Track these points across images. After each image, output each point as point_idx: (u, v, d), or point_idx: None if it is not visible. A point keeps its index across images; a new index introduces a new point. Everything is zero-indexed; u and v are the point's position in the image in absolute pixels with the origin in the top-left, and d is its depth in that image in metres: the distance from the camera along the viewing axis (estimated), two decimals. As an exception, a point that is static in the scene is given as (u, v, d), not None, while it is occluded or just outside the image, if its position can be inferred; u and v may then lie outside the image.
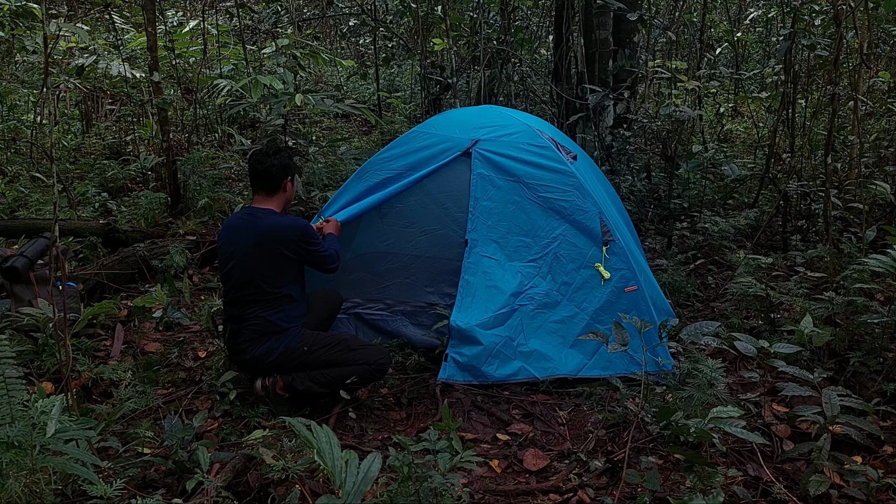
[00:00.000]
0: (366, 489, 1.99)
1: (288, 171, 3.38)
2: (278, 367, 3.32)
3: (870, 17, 6.01)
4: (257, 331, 3.28)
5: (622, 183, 6.20)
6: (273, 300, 3.28)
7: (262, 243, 3.24)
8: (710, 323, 3.16)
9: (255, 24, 9.59)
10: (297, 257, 3.30)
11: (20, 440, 2.10)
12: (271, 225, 3.27)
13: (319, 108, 4.90)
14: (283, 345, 3.29)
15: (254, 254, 3.25)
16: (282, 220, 3.30)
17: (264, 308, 3.28)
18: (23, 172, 6.83)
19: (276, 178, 3.34)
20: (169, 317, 4.15)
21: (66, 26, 4.23)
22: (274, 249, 3.24)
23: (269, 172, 3.33)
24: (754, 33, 11.31)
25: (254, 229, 3.27)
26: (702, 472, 2.50)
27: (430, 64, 8.64)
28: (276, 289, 3.27)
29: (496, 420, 3.39)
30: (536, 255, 3.73)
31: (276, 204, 3.39)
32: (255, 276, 3.25)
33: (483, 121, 4.10)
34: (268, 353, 3.28)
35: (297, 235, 3.27)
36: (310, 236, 3.32)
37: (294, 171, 3.45)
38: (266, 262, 3.24)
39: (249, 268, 3.26)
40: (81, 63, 6.78)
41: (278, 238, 3.24)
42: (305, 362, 3.32)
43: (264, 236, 3.24)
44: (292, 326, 3.32)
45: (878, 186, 4.33)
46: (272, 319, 3.28)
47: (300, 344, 3.30)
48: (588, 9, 6.79)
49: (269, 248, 3.24)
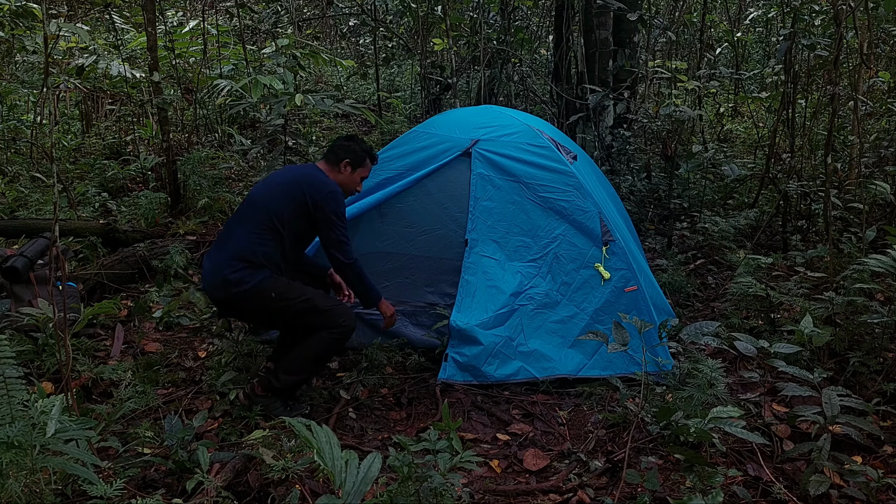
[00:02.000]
0: (366, 489, 1.99)
1: (349, 155, 3.46)
2: (242, 305, 3.27)
3: (870, 17, 6.01)
4: (236, 254, 3.24)
5: (622, 183, 6.20)
6: (265, 232, 3.26)
7: (292, 183, 3.35)
8: (710, 323, 3.16)
9: (255, 24, 9.59)
10: (314, 213, 3.30)
11: (20, 440, 2.10)
12: (310, 173, 3.40)
13: (319, 108, 4.89)
14: (254, 281, 3.22)
15: (280, 186, 3.36)
16: (321, 175, 3.40)
17: (253, 234, 3.26)
18: (23, 172, 6.83)
19: (338, 153, 3.48)
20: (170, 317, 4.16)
21: (66, 26, 4.23)
22: (298, 194, 3.30)
23: (335, 146, 3.52)
24: (754, 33, 11.31)
25: (294, 171, 3.47)
26: (702, 472, 2.51)
27: (430, 64, 8.64)
28: (276, 225, 3.27)
29: (496, 420, 3.39)
30: (536, 255, 3.73)
31: (329, 171, 3.48)
32: (267, 203, 3.31)
33: (483, 121, 4.10)
34: (237, 283, 3.21)
35: (325, 191, 3.31)
36: (337, 202, 3.34)
37: (359, 164, 3.50)
38: (285, 198, 3.31)
39: (268, 194, 3.35)
40: (81, 63, 6.78)
41: (309, 184, 3.32)
42: (269, 310, 3.27)
43: (299, 178, 3.36)
44: (266, 269, 3.26)
45: (878, 186, 4.33)
46: (253, 248, 3.24)
47: (270, 288, 3.25)
48: (588, 9, 6.79)
49: (296, 190, 3.31)
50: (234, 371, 3.58)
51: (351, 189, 3.55)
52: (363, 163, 3.51)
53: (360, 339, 4.04)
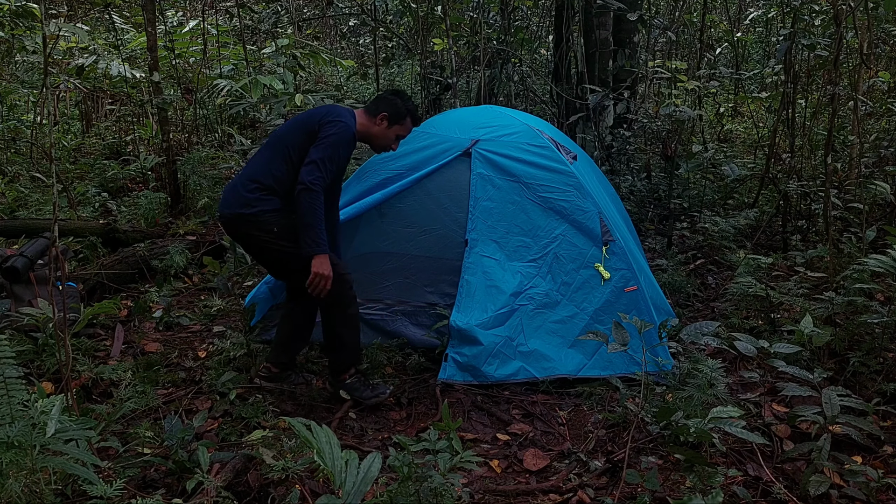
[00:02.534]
0: (366, 489, 1.99)
1: (388, 108, 3.37)
2: (246, 230, 3.28)
3: (870, 17, 6.01)
4: (251, 175, 3.29)
5: (622, 183, 6.20)
6: (279, 159, 3.26)
7: (313, 114, 3.33)
8: (710, 323, 3.16)
9: (255, 24, 9.59)
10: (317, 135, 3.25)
11: (20, 440, 2.10)
12: (332, 108, 3.37)
13: (319, 108, 4.89)
14: (261, 208, 3.22)
15: (301, 119, 3.35)
16: (343, 114, 3.31)
17: (268, 159, 3.29)
18: (23, 172, 6.83)
19: (378, 104, 3.40)
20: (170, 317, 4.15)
21: (66, 26, 4.24)
22: (311, 123, 3.26)
23: (379, 97, 3.45)
24: (754, 33, 11.31)
25: (320, 107, 3.43)
26: (702, 472, 2.51)
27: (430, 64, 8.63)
28: (290, 154, 3.25)
29: (496, 420, 3.39)
30: (536, 254, 3.73)
31: (363, 120, 3.39)
32: (285, 132, 3.33)
33: (483, 121, 4.10)
34: (246, 203, 3.22)
35: (331, 118, 3.24)
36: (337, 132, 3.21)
37: (397, 120, 3.39)
38: (301, 129, 3.28)
39: (290, 126, 3.37)
40: (81, 63, 6.78)
41: (324, 114, 3.28)
42: (266, 246, 3.28)
43: (320, 111, 3.35)
44: (277, 199, 3.25)
45: (878, 186, 4.33)
46: (266, 171, 3.26)
47: (273, 222, 3.23)
48: (588, 9, 6.79)
49: (311, 121, 3.28)
50: (234, 371, 3.58)
51: (384, 145, 3.46)
52: (402, 120, 3.40)
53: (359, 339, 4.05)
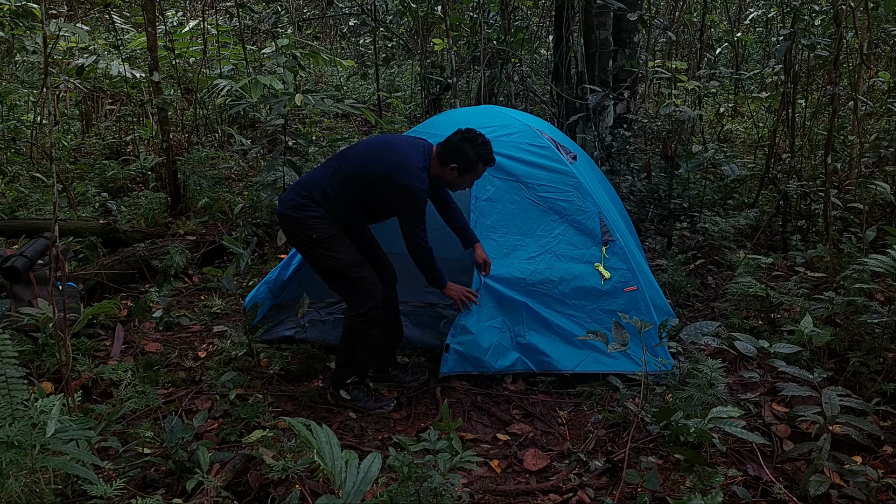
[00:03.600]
0: (366, 489, 1.99)
1: (458, 160, 3.27)
2: (292, 231, 3.37)
3: (870, 17, 6.01)
4: (307, 182, 3.36)
5: (622, 183, 6.20)
6: (339, 179, 3.29)
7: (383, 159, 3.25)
8: (710, 323, 3.16)
9: (255, 24, 9.59)
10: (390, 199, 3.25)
11: (20, 440, 2.10)
12: (402, 163, 3.23)
13: (319, 108, 4.89)
14: (306, 213, 3.28)
15: (375, 153, 3.30)
16: (412, 166, 3.22)
17: (329, 173, 3.32)
18: (23, 172, 6.83)
19: (448, 153, 3.29)
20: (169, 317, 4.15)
21: (66, 26, 4.23)
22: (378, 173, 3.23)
23: (450, 143, 3.30)
24: (754, 33, 11.31)
25: (396, 148, 3.31)
26: (702, 472, 2.51)
27: (430, 64, 8.64)
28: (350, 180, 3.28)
29: (496, 420, 3.39)
30: (534, 253, 3.73)
31: (437, 166, 3.32)
32: (357, 159, 3.32)
33: (483, 121, 4.09)
34: (293, 206, 3.31)
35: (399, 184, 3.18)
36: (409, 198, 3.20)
37: (468, 170, 3.31)
38: (368, 167, 3.26)
39: (363, 153, 3.33)
40: (81, 63, 6.78)
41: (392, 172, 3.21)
42: (307, 250, 3.34)
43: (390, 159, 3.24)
44: (325, 210, 3.29)
45: (878, 186, 4.33)
46: (320, 184, 3.30)
47: (315, 228, 3.28)
48: (588, 9, 6.79)
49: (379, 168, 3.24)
50: (234, 371, 3.58)
51: (458, 188, 3.44)
52: (473, 169, 3.33)
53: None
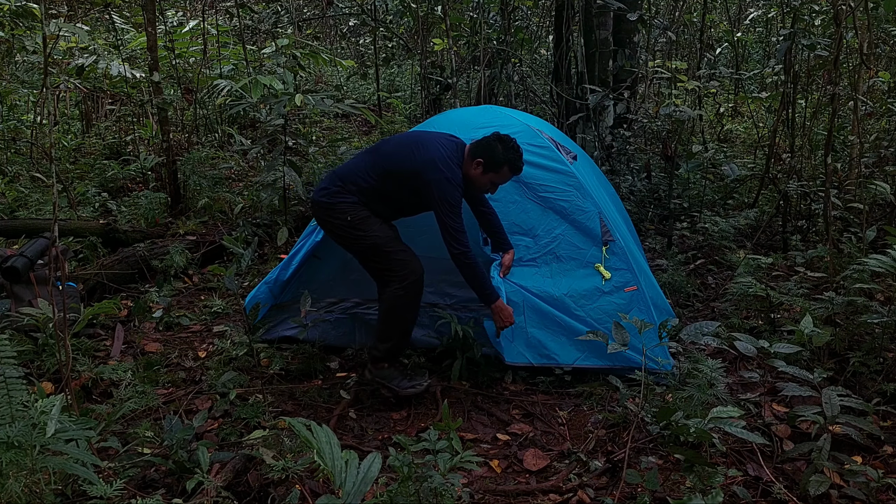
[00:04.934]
0: (366, 489, 1.99)
1: (483, 154, 3.31)
2: (326, 217, 3.40)
3: (870, 17, 6.01)
4: (342, 172, 3.41)
5: (622, 183, 6.20)
6: (374, 173, 3.33)
7: (416, 153, 3.28)
8: (710, 323, 3.16)
9: (255, 24, 9.59)
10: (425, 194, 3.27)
11: (20, 440, 2.10)
12: (433, 157, 3.25)
13: (319, 108, 4.89)
14: (338, 199, 3.33)
15: (408, 148, 3.33)
16: (444, 160, 3.25)
17: (363, 166, 3.36)
18: (23, 172, 6.83)
19: (476, 148, 3.34)
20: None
21: (66, 26, 4.23)
22: (410, 166, 3.27)
23: (480, 141, 3.36)
24: (754, 33, 11.31)
25: (429, 143, 3.32)
26: (702, 472, 2.50)
27: (430, 64, 8.64)
28: (383, 174, 3.32)
29: (496, 420, 3.39)
30: (535, 254, 3.72)
31: (466, 163, 3.35)
32: (390, 153, 3.37)
33: (483, 121, 4.09)
34: (327, 192, 3.36)
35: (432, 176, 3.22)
36: (442, 188, 3.22)
37: (492, 168, 3.33)
38: (401, 161, 3.31)
39: (398, 148, 3.38)
40: (81, 63, 6.78)
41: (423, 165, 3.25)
42: (343, 234, 3.38)
43: (423, 154, 3.27)
44: (357, 197, 3.33)
45: (878, 186, 4.33)
46: (354, 176, 3.35)
47: (348, 212, 3.32)
48: (588, 9, 6.79)
49: (411, 161, 3.28)
50: (234, 371, 3.58)
51: (480, 188, 3.44)
52: (498, 169, 3.35)
53: (360, 339, 4.05)
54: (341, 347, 4.04)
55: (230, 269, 3.70)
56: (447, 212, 3.24)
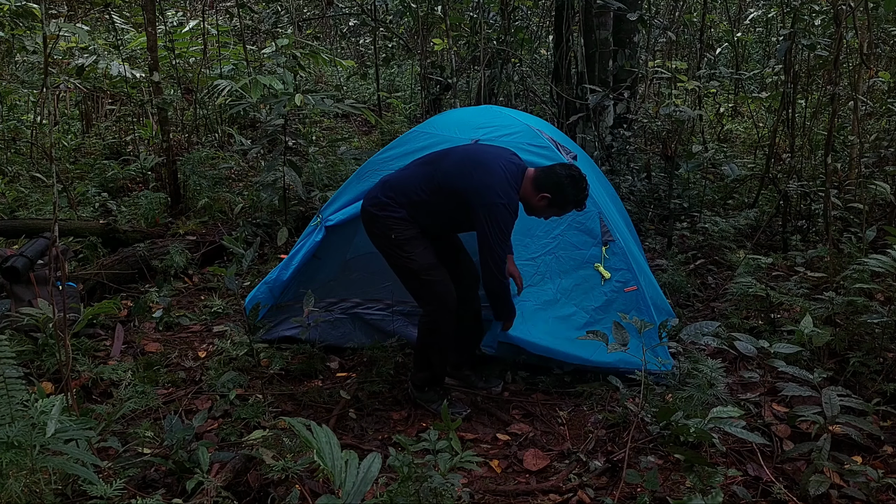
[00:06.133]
0: (366, 489, 1.99)
1: (552, 191, 3.20)
2: (372, 230, 3.36)
3: (870, 17, 6.01)
4: (395, 184, 3.31)
5: (622, 183, 6.19)
6: (427, 188, 3.24)
7: (472, 175, 3.15)
8: (710, 323, 3.16)
9: (255, 24, 9.59)
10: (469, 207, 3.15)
11: (20, 440, 2.10)
12: (489, 183, 3.11)
13: (319, 108, 4.89)
14: (387, 213, 3.25)
15: (466, 166, 3.20)
16: (501, 184, 3.12)
17: (418, 180, 3.26)
18: (23, 172, 6.83)
19: (548, 180, 3.21)
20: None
21: (66, 26, 4.23)
22: (464, 186, 3.16)
23: (550, 173, 3.22)
24: (754, 33, 11.31)
25: (486, 164, 3.18)
26: (702, 472, 2.50)
27: (430, 64, 8.64)
28: (438, 191, 3.22)
29: (496, 420, 3.39)
30: (535, 253, 3.72)
31: (528, 186, 3.23)
32: (447, 171, 3.23)
33: (483, 121, 4.09)
34: (376, 203, 3.29)
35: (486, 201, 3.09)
36: (494, 214, 3.09)
37: (557, 207, 3.26)
38: (457, 180, 3.19)
39: (455, 164, 3.24)
40: (81, 63, 6.78)
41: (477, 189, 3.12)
42: (384, 250, 3.33)
43: (478, 177, 3.14)
44: (407, 212, 3.25)
45: (878, 186, 4.33)
46: (408, 190, 3.25)
47: (394, 228, 3.25)
48: (588, 9, 6.79)
49: (467, 181, 3.16)
50: (234, 371, 3.58)
51: (535, 214, 3.36)
52: (563, 208, 3.29)
53: (359, 339, 4.05)
54: (341, 347, 4.04)
55: (231, 269, 3.70)
56: (497, 239, 3.12)
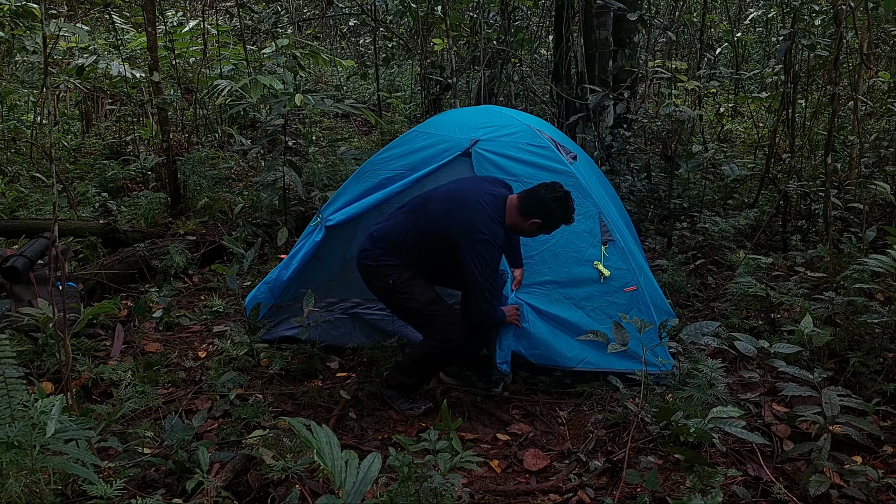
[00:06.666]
0: (366, 489, 1.99)
1: (542, 216, 3.23)
2: (367, 278, 3.44)
3: (870, 17, 6.01)
4: (383, 233, 3.38)
5: (622, 183, 6.19)
6: (416, 233, 3.30)
7: (454, 213, 3.21)
8: (710, 323, 3.16)
9: (255, 24, 9.59)
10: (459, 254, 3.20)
11: (20, 440, 2.10)
12: (472, 219, 3.16)
13: (319, 108, 4.89)
14: (381, 262, 3.33)
15: (448, 206, 3.26)
16: (483, 218, 3.17)
17: (405, 227, 3.33)
18: (23, 172, 6.83)
19: (533, 206, 3.23)
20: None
21: (66, 26, 4.23)
22: (448, 229, 3.21)
23: (535, 197, 3.23)
24: (754, 33, 11.31)
25: (467, 200, 3.23)
26: (702, 472, 2.51)
27: (430, 64, 8.63)
28: (427, 235, 3.28)
29: (496, 420, 3.39)
30: (533, 252, 3.72)
31: (514, 215, 3.27)
32: (431, 214, 3.29)
33: (483, 121, 4.09)
34: (368, 255, 3.37)
35: (471, 239, 3.14)
36: (479, 252, 3.14)
37: (548, 228, 3.29)
38: (442, 222, 3.24)
39: (437, 206, 3.30)
40: (81, 63, 6.78)
41: (462, 228, 3.17)
42: (384, 296, 3.40)
43: (461, 215, 3.19)
44: (398, 259, 3.32)
45: (878, 186, 4.33)
46: (397, 238, 3.32)
47: (390, 275, 3.32)
48: (588, 9, 6.79)
49: (450, 223, 3.21)
50: (234, 371, 3.58)
51: (526, 236, 3.44)
52: (553, 228, 3.33)
53: (359, 339, 4.05)
54: (341, 347, 4.04)
55: (232, 268, 3.70)
56: (484, 274, 3.17)
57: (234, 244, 4.16)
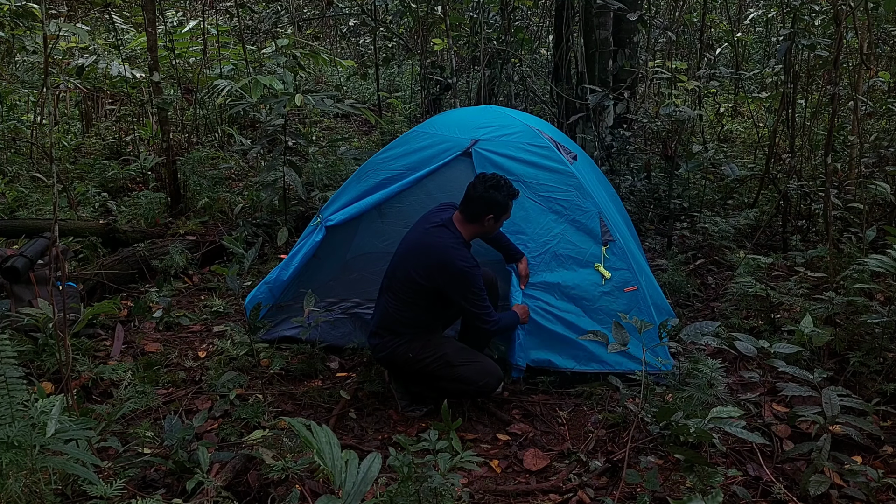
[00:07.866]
0: (366, 489, 1.99)
1: (493, 209, 3.27)
2: (385, 364, 3.46)
3: (870, 17, 6.01)
4: (380, 322, 3.39)
5: (622, 183, 6.20)
6: (405, 301, 3.31)
7: (423, 260, 3.25)
8: (710, 323, 3.16)
9: (255, 24, 9.59)
10: (446, 293, 3.26)
11: (20, 440, 2.10)
12: (440, 252, 3.21)
13: (319, 108, 4.89)
14: (392, 347, 3.34)
15: (414, 257, 3.28)
16: (450, 250, 3.21)
17: (393, 303, 3.33)
18: (23, 172, 6.82)
19: (477, 209, 3.27)
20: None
21: (66, 26, 4.23)
22: (427, 273, 3.23)
23: (474, 200, 3.27)
24: (754, 33, 11.31)
25: (426, 242, 3.28)
26: (702, 472, 2.51)
27: (430, 64, 8.63)
28: (415, 295, 3.29)
29: (496, 420, 3.39)
30: (533, 251, 3.73)
31: (466, 230, 3.32)
32: (404, 274, 3.29)
33: (483, 121, 4.10)
34: (378, 349, 3.39)
35: (451, 273, 3.19)
36: (464, 282, 3.20)
37: (504, 212, 3.32)
38: (418, 272, 3.24)
39: (404, 264, 3.31)
40: (81, 63, 6.78)
41: (438, 266, 3.21)
42: (410, 369, 3.37)
43: (430, 256, 3.23)
44: (407, 334, 3.33)
45: (878, 186, 4.33)
46: (394, 317, 3.33)
47: (406, 351, 3.33)
48: (588, 9, 6.79)
49: (426, 269, 3.23)
50: (234, 371, 3.58)
51: (493, 233, 3.47)
52: (507, 210, 3.35)
53: (359, 339, 4.05)
54: (341, 347, 4.04)
55: (233, 268, 3.70)
56: (475, 301, 3.23)
57: (234, 244, 4.16)
